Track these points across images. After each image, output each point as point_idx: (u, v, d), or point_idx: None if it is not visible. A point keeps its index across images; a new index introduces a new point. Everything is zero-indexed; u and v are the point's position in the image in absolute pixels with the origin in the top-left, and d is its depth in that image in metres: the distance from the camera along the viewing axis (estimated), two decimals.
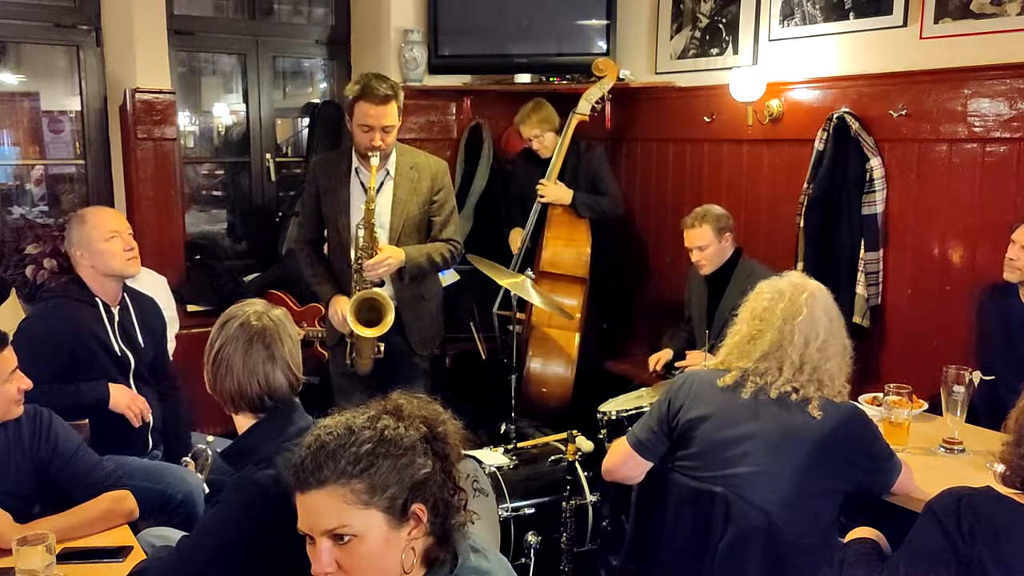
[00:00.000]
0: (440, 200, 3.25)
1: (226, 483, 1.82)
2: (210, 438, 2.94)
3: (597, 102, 4.08)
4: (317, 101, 4.86)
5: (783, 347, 2.14)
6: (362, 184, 3.16)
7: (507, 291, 3.63)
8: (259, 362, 1.80)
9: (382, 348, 3.15)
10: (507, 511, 2.92)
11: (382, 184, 3.13)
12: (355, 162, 3.19)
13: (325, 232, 3.32)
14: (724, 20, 4.15)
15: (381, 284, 3.12)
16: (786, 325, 2.14)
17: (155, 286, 3.50)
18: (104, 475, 2.22)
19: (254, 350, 1.80)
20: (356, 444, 1.34)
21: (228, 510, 1.73)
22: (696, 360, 3.49)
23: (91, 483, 2.18)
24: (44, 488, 2.18)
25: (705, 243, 3.55)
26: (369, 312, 3.07)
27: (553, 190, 4.02)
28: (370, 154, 3.01)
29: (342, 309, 3.11)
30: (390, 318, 3.04)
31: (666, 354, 3.76)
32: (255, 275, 4.48)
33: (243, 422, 1.85)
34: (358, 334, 3.05)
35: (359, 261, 3.06)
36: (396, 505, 1.33)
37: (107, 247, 2.76)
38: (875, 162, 3.48)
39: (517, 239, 4.16)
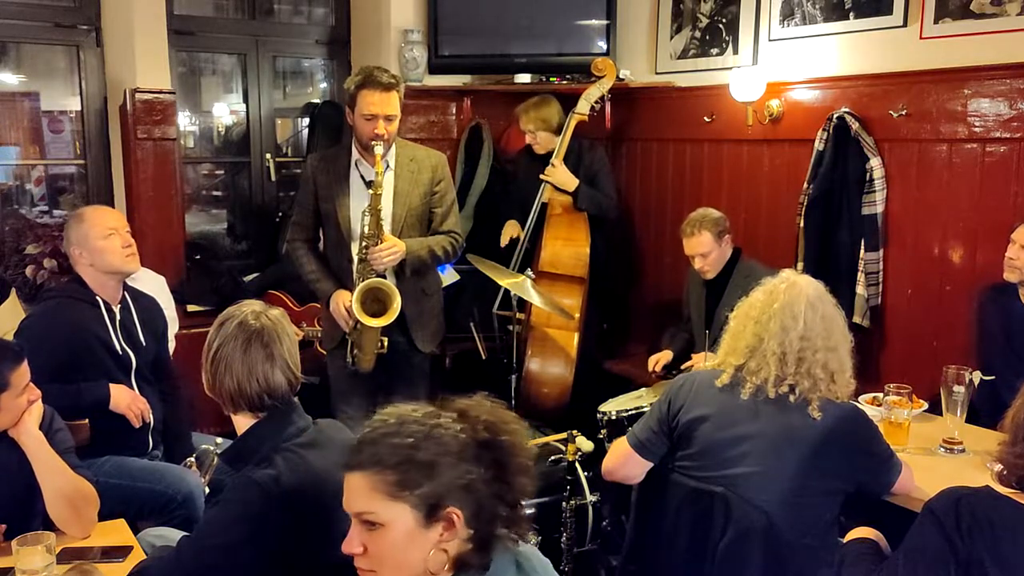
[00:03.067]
0: (441, 191, 3.25)
1: (226, 483, 1.82)
2: (219, 440, 2.94)
3: (596, 102, 4.08)
4: (317, 101, 4.86)
5: (763, 338, 2.14)
6: (362, 177, 3.15)
7: (507, 291, 3.63)
8: (258, 361, 1.80)
9: (386, 342, 3.14)
10: None
11: (383, 176, 3.12)
12: (355, 156, 3.19)
13: (321, 232, 3.32)
14: (724, 20, 4.15)
15: (383, 278, 3.11)
16: (763, 314, 2.16)
17: (154, 286, 3.50)
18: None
19: (253, 349, 1.81)
20: (399, 436, 1.34)
21: (228, 510, 1.73)
22: (700, 363, 3.49)
23: None
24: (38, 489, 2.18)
25: (707, 249, 3.54)
26: (374, 303, 3.06)
27: (560, 172, 4.00)
28: (374, 144, 3.01)
29: (345, 302, 3.10)
30: (396, 304, 3.02)
31: (665, 355, 3.76)
32: (255, 275, 4.48)
33: (242, 422, 1.85)
34: (364, 324, 3.04)
35: (364, 250, 3.06)
36: (427, 504, 1.32)
37: (105, 244, 2.76)
38: (875, 162, 3.48)
39: (509, 231, 4.15)
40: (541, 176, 4.01)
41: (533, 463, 1.44)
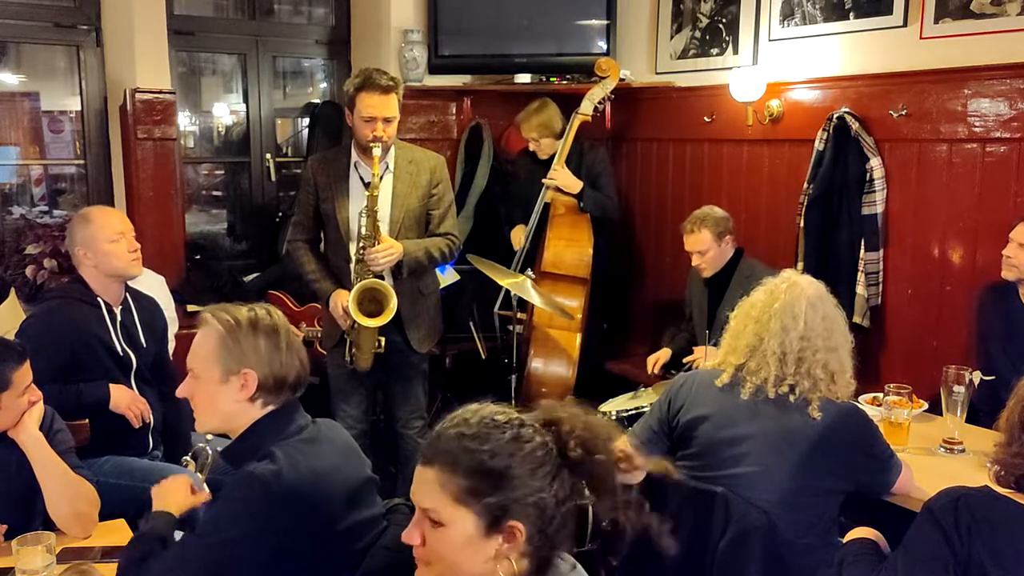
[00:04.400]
0: (439, 193, 3.25)
1: (226, 482, 1.81)
2: (209, 436, 2.93)
3: (600, 102, 4.08)
4: (317, 101, 4.86)
5: (763, 338, 2.14)
6: (361, 179, 3.16)
7: (508, 290, 3.63)
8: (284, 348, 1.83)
9: (383, 342, 3.15)
10: None
11: (381, 178, 3.11)
12: (354, 157, 3.19)
13: (321, 232, 3.32)
14: (724, 20, 4.15)
15: (380, 279, 3.12)
16: (764, 314, 2.17)
17: (154, 286, 3.50)
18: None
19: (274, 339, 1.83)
20: (478, 440, 1.30)
21: (229, 507, 1.73)
22: (701, 355, 3.49)
23: None
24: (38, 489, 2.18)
25: (705, 247, 3.55)
26: (371, 304, 3.07)
27: (563, 175, 4.00)
28: (372, 146, 3.02)
29: (343, 301, 3.11)
30: (393, 305, 3.03)
31: (664, 354, 3.76)
32: (255, 275, 4.47)
33: (250, 415, 1.83)
34: (360, 324, 3.04)
35: (361, 251, 3.06)
36: (491, 515, 1.29)
37: (112, 248, 2.75)
38: (875, 162, 3.48)
39: (520, 236, 4.15)
40: (544, 181, 4.01)
41: (619, 481, 1.38)
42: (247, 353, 1.79)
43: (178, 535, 2.02)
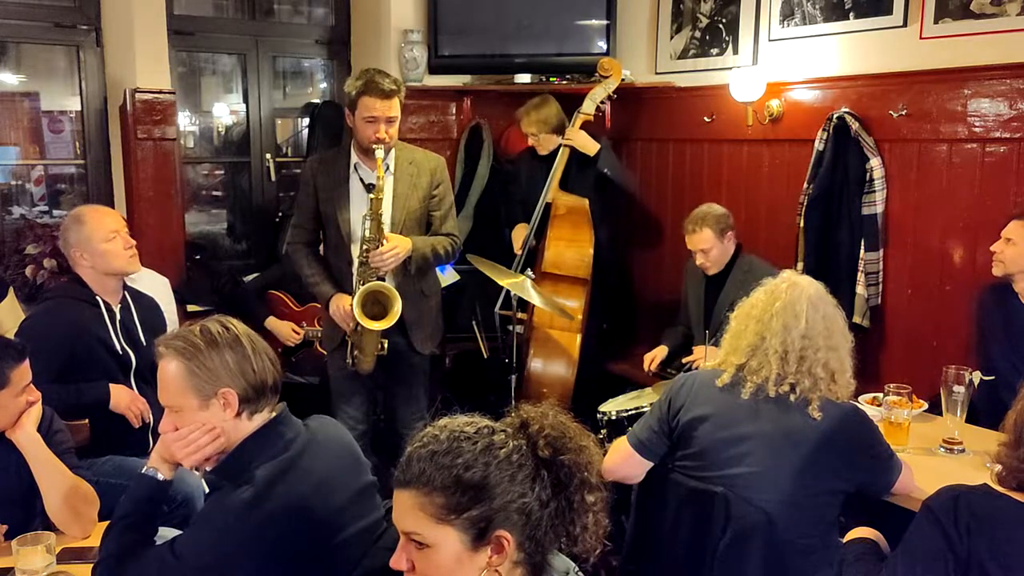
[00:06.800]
0: (439, 194, 3.25)
1: (206, 501, 1.79)
2: None
3: (602, 102, 4.08)
4: (317, 101, 4.86)
5: (765, 337, 2.15)
6: (362, 181, 3.15)
7: (509, 290, 3.63)
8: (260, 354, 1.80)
9: (386, 344, 3.14)
10: None
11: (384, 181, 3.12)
12: (354, 159, 3.18)
13: (321, 234, 3.31)
14: (724, 20, 4.15)
15: (382, 280, 3.11)
16: (765, 314, 2.17)
17: (156, 287, 3.50)
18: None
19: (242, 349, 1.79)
20: (449, 455, 1.29)
21: (202, 534, 1.71)
22: (700, 355, 3.49)
23: None
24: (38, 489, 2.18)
25: (708, 246, 3.56)
26: (374, 306, 3.06)
27: (580, 136, 3.99)
28: (375, 147, 3.01)
29: (345, 305, 3.10)
30: (397, 308, 3.02)
31: (660, 351, 3.78)
32: (255, 275, 4.47)
33: (240, 430, 1.82)
34: (365, 328, 3.04)
35: (365, 252, 3.06)
36: (475, 528, 1.27)
37: (109, 248, 2.75)
38: (875, 162, 3.48)
39: (521, 235, 4.15)
40: (561, 142, 4.00)
41: (601, 479, 1.38)
42: (217, 372, 1.74)
43: (173, 532, 2.00)
